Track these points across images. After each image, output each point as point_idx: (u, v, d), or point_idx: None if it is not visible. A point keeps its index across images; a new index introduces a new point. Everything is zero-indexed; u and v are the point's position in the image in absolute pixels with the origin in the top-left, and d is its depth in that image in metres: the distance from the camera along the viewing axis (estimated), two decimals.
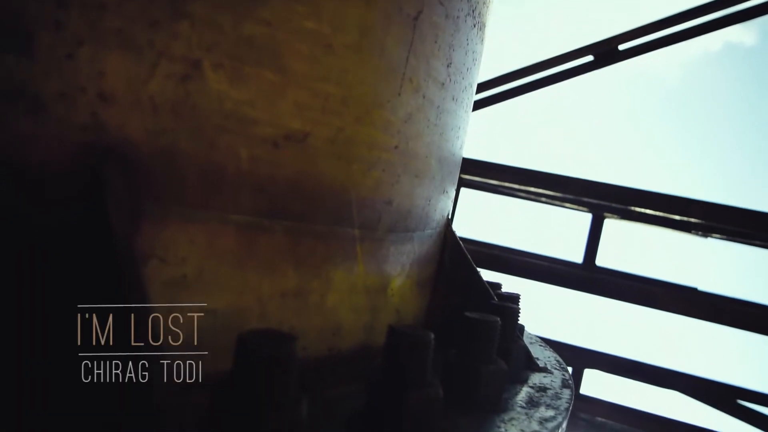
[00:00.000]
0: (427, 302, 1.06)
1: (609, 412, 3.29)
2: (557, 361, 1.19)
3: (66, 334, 0.55)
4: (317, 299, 0.78)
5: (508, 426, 0.78)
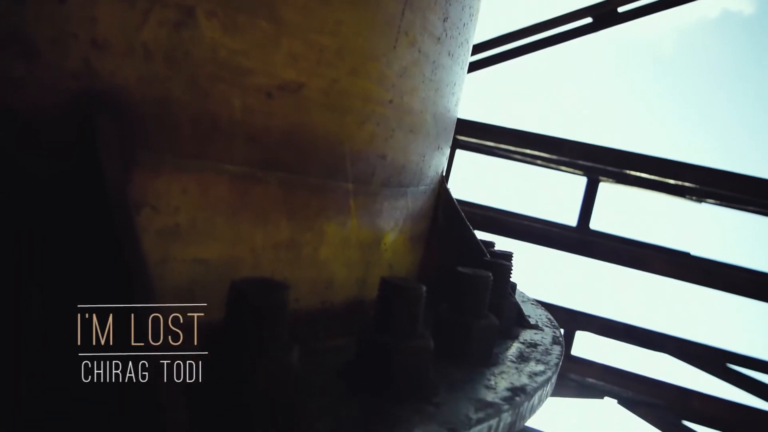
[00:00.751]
0: (420, 258, 1.06)
1: (599, 374, 3.33)
2: (548, 319, 1.20)
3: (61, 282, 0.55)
4: (310, 252, 0.78)
5: (497, 379, 0.79)
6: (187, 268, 0.67)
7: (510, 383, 0.79)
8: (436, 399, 0.68)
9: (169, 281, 0.66)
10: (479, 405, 0.70)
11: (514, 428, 0.75)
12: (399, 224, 0.94)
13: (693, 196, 3.72)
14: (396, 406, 0.64)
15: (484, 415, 0.67)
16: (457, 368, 0.80)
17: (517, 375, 0.83)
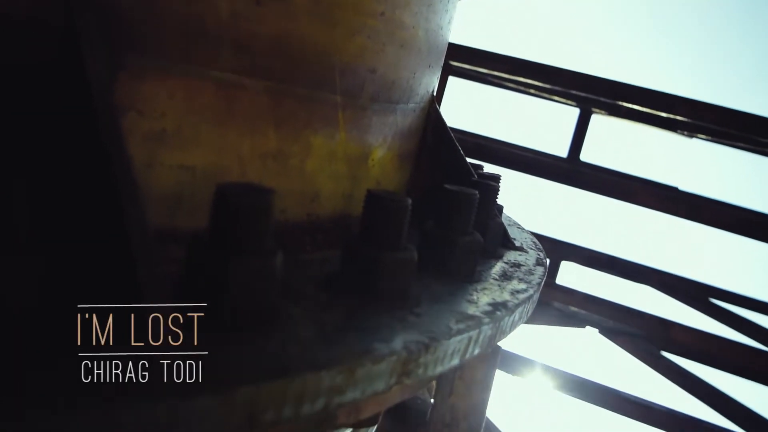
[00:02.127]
0: (408, 177, 1.07)
1: (582, 303, 3.39)
2: (533, 242, 1.21)
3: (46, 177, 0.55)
4: (297, 163, 0.78)
5: (480, 294, 0.81)
6: (173, 174, 0.67)
7: (492, 299, 0.80)
8: (418, 309, 0.69)
9: (155, 187, 0.66)
10: (460, 317, 0.71)
11: (494, 341, 0.76)
12: (387, 141, 0.94)
13: (684, 131, 3.72)
14: (378, 314, 0.65)
15: (464, 327, 0.69)
16: (440, 283, 0.81)
17: (499, 291, 0.84)
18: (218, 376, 0.47)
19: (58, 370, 0.44)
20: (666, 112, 3.22)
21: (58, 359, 0.45)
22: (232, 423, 0.47)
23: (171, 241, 0.67)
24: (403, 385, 0.62)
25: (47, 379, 0.42)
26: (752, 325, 3.79)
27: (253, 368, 0.49)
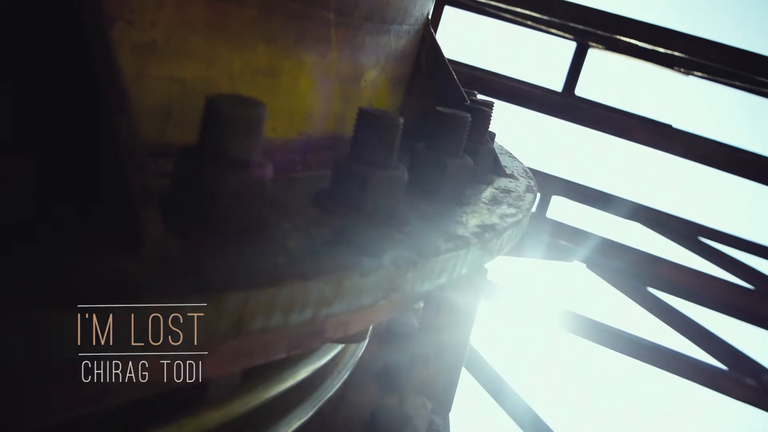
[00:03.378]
0: (400, 101, 1.06)
1: (571, 236, 3.41)
2: (524, 170, 1.21)
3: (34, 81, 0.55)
4: (288, 81, 0.77)
5: (468, 217, 0.81)
6: (163, 87, 0.66)
7: (481, 221, 0.81)
8: (406, 228, 0.70)
9: (145, 99, 0.65)
10: (449, 237, 0.71)
11: (481, 263, 0.77)
12: (380, 62, 0.93)
13: (681, 68, 3.69)
14: (366, 230, 0.66)
15: (452, 246, 0.69)
16: (429, 204, 0.81)
17: (488, 215, 0.84)
18: (207, 282, 0.48)
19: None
20: (664, 48, 3.19)
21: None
22: (220, 328, 0.48)
23: (161, 155, 0.67)
24: (390, 301, 0.63)
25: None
26: (739, 263, 3.84)
27: (241, 276, 0.50)
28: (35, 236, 0.48)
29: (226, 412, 0.81)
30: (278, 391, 0.89)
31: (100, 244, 0.49)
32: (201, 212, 0.54)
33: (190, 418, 0.78)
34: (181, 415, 0.78)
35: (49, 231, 0.49)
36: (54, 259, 0.46)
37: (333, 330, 0.61)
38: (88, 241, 0.49)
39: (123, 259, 0.48)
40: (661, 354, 3.05)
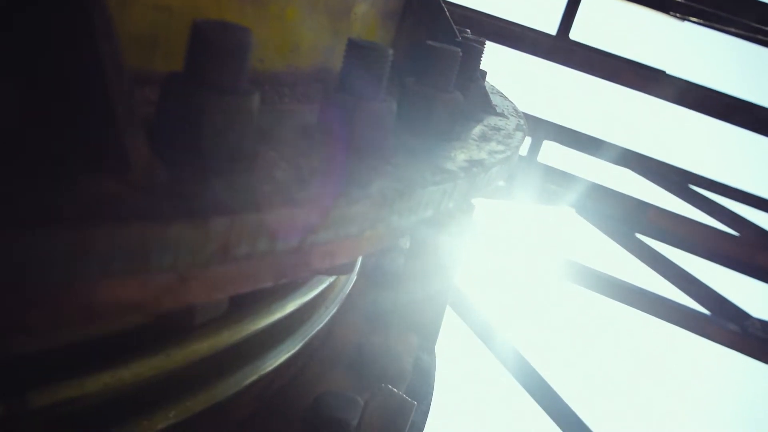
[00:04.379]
0: (391, 37, 1.05)
1: (561, 181, 3.42)
2: (514, 109, 1.21)
3: None
4: (277, 11, 0.76)
5: (457, 152, 0.81)
6: (149, 14, 0.65)
7: (469, 157, 0.81)
8: (394, 161, 0.70)
9: (131, 27, 0.65)
10: (436, 170, 0.72)
11: (468, 197, 0.77)
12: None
13: (677, 13, 3.66)
14: (355, 161, 0.66)
15: (440, 179, 0.69)
16: (417, 139, 0.81)
17: (477, 151, 0.84)
18: (193, 207, 0.48)
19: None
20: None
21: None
22: (206, 252, 0.48)
23: (147, 83, 0.66)
24: (377, 232, 0.63)
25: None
26: (726, 211, 3.86)
27: (227, 202, 0.50)
28: (20, 160, 0.48)
29: (214, 342, 0.82)
30: (266, 323, 0.90)
31: (86, 169, 0.49)
32: (187, 139, 0.54)
33: (178, 347, 0.79)
34: (169, 344, 0.79)
35: (34, 156, 0.49)
36: (40, 181, 0.45)
37: (320, 260, 0.62)
38: (73, 166, 0.49)
39: (109, 182, 0.48)
40: (647, 298, 3.09)
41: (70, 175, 0.48)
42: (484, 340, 3.25)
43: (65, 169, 0.48)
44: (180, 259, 0.47)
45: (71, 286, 0.45)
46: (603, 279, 3.12)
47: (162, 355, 0.77)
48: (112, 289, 0.47)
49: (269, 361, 0.94)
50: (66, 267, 0.43)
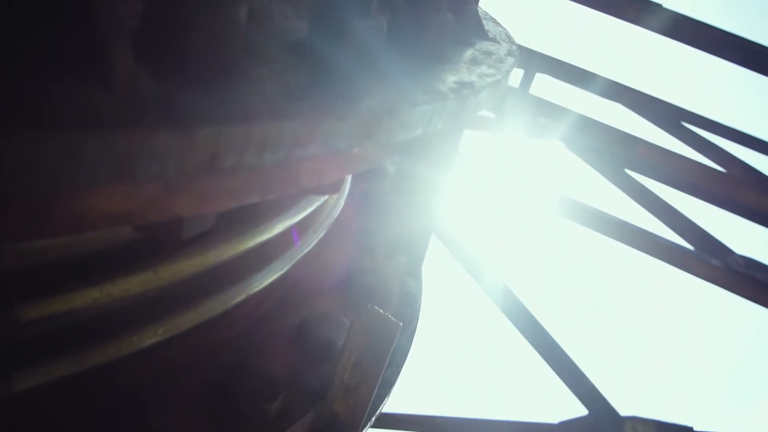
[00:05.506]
0: None
1: (553, 114, 3.40)
2: (507, 36, 1.19)
3: None
4: None
5: (447, 74, 0.80)
6: None
7: (459, 79, 0.80)
8: (383, 80, 0.69)
9: None
10: (426, 90, 0.71)
11: (457, 119, 0.77)
12: None
13: None
14: (344, 79, 0.65)
15: (429, 98, 0.69)
16: (408, 60, 0.80)
17: (467, 74, 0.84)
18: (180, 117, 0.48)
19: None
20: None
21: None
22: (194, 161, 0.48)
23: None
24: (365, 150, 0.63)
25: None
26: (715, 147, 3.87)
27: (215, 114, 0.50)
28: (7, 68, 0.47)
29: (201, 260, 0.83)
30: (254, 244, 0.91)
31: (74, 79, 0.48)
32: (174, 51, 0.53)
33: (166, 265, 0.80)
34: (156, 261, 0.79)
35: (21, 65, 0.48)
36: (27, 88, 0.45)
37: (308, 177, 0.62)
38: (61, 76, 0.48)
39: (97, 92, 0.47)
40: (632, 233, 3.12)
41: (59, 83, 0.47)
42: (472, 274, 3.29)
43: (53, 78, 0.48)
44: (166, 168, 0.47)
45: (59, 192, 0.45)
46: (590, 212, 3.14)
47: (150, 271, 0.78)
48: (99, 197, 0.47)
49: (257, 282, 0.95)
50: (54, 172, 0.43)
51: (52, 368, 0.74)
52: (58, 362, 0.74)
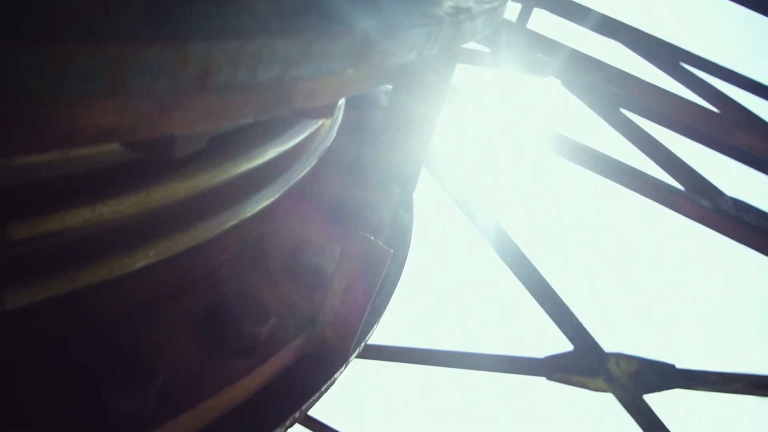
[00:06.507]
0: None
1: (548, 49, 3.37)
2: None
3: None
4: None
5: None
6: None
7: (455, 4, 0.79)
8: (378, 3, 0.68)
9: None
10: (422, 15, 0.70)
11: (453, 45, 0.76)
12: None
13: None
14: (339, 3, 0.64)
15: (425, 22, 0.68)
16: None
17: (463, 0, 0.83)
18: (172, 30, 0.47)
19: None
20: None
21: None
22: (185, 77, 0.47)
23: None
24: (359, 72, 0.63)
25: None
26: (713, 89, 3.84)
27: (207, 28, 0.49)
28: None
29: (193, 183, 0.83)
30: (246, 168, 0.91)
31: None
32: None
33: (158, 186, 0.80)
34: (148, 183, 0.79)
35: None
36: None
37: (301, 98, 0.62)
38: None
39: (86, 3, 0.46)
40: (622, 170, 3.13)
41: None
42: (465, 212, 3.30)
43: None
44: (158, 82, 0.46)
45: (50, 106, 0.45)
46: (582, 150, 3.15)
47: (142, 193, 0.78)
48: (91, 111, 0.47)
49: (249, 207, 0.95)
50: (44, 84, 0.42)
51: (44, 287, 0.74)
52: (50, 281, 0.75)
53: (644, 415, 3.52)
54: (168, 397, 0.79)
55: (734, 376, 3.54)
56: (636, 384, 3.56)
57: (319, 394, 0.95)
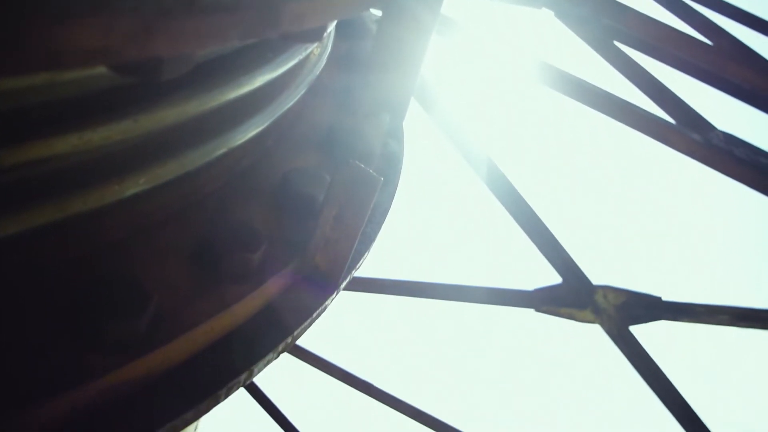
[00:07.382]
0: None
1: None
2: None
3: None
4: None
5: None
6: None
7: None
8: None
9: None
10: None
11: None
12: None
13: None
14: None
15: None
16: None
17: None
18: None
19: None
20: None
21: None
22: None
23: None
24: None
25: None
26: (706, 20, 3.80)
27: None
28: None
29: (182, 110, 0.83)
30: (235, 96, 0.90)
31: None
32: None
33: (147, 113, 0.79)
34: (137, 109, 0.79)
35: None
36: None
37: (288, 20, 0.61)
38: None
39: None
40: (613, 103, 3.11)
41: None
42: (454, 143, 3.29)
43: None
44: (144, 2, 0.46)
45: (33, 23, 0.44)
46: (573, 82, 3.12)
47: (130, 119, 0.77)
48: (75, 30, 0.46)
49: (238, 136, 0.95)
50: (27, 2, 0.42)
51: (36, 214, 0.75)
52: (42, 208, 0.75)
53: (630, 346, 3.59)
54: (161, 322, 0.80)
55: (719, 308, 3.59)
56: (622, 315, 3.62)
57: (310, 320, 0.97)
